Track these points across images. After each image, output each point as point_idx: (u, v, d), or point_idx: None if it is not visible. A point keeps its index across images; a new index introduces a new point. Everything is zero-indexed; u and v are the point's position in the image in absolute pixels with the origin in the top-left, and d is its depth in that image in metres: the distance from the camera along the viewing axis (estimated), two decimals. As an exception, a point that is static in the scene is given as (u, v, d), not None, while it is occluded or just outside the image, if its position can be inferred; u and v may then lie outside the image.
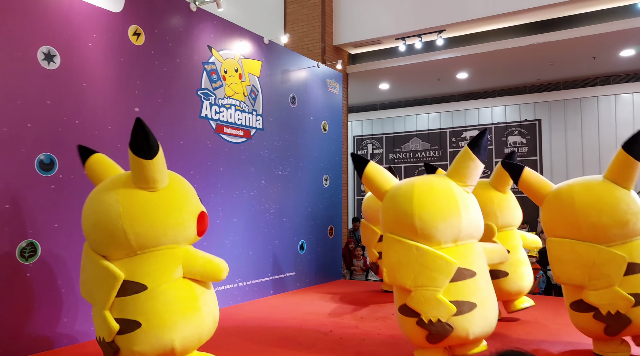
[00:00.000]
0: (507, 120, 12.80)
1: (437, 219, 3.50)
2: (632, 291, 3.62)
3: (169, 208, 3.30)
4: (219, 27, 6.24)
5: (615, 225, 3.67)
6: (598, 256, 3.70)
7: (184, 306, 3.25)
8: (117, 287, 3.18)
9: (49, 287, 4.34)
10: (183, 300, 3.26)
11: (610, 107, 11.67)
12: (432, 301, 3.46)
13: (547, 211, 4.04)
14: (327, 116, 8.27)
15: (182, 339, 3.22)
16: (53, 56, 4.42)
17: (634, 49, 9.58)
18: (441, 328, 3.45)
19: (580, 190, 3.82)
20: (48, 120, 4.37)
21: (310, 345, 4.47)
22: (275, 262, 7.00)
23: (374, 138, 14.42)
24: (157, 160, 3.23)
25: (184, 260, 3.34)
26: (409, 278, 3.53)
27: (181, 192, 3.44)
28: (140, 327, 3.15)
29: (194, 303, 3.30)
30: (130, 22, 5.10)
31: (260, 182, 6.79)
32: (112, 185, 3.35)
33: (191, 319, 3.26)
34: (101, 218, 3.23)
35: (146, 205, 3.25)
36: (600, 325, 3.76)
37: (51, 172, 4.39)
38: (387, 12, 9.58)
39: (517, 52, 9.50)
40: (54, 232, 4.39)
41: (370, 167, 3.88)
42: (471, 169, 3.65)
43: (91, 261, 3.33)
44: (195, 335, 3.30)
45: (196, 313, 3.29)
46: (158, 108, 5.37)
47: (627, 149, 3.64)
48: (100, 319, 3.23)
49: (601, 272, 3.68)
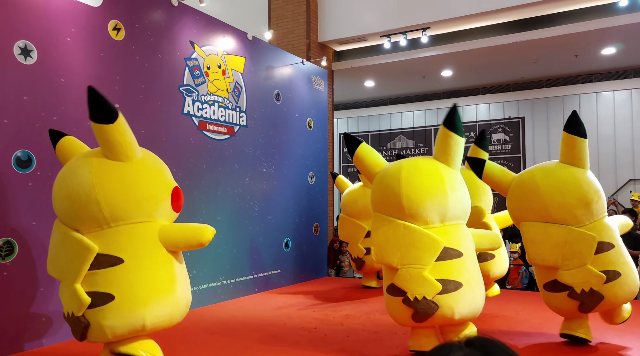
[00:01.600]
0: (491, 118, 12.88)
1: (424, 198, 3.56)
2: (603, 269, 3.82)
3: (142, 180, 3.28)
4: (201, 23, 6.17)
5: (580, 204, 3.86)
6: (569, 236, 3.87)
7: (161, 286, 3.21)
8: (91, 260, 3.13)
9: (27, 286, 4.25)
10: (160, 279, 3.22)
11: (592, 104, 11.81)
12: (417, 278, 3.52)
13: (514, 199, 4.19)
14: (312, 113, 8.23)
15: (154, 318, 3.17)
16: (30, 51, 4.32)
17: (615, 47, 9.70)
18: (426, 306, 3.50)
19: (542, 174, 4.02)
20: (25, 116, 4.28)
21: (294, 342, 4.44)
22: (260, 260, 6.96)
23: (360, 135, 14.42)
24: (118, 123, 3.20)
25: (161, 232, 3.28)
26: (396, 256, 3.61)
27: (155, 165, 3.42)
28: (113, 300, 3.10)
29: (171, 284, 3.26)
30: (110, 17, 5.01)
31: (245, 180, 6.74)
32: (84, 157, 3.32)
33: (166, 299, 3.22)
34: (74, 190, 3.18)
35: (119, 175, 3.22)
36: (574, 303, 3.93)
37: (28, 169, 4.30)
38: (371, 9, 9.57)
39: (501, 50, 9.56)
40: (32, 230, 4.30)
41: (362, 148, 3.96)
42: (452, 146, 3.69)
43: (62, 235, 3.28)
44: (168, 315, 3.25)
45: (171, 294, 3.25)
46: (139, 105, 5.29)
47: (569, 129, 3.92)
48: (69, 293, 3.18)
49: (573, 252, 3.85)
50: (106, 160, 3.24)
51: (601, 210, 3.95)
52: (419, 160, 3.82)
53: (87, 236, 3.20)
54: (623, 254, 3.92)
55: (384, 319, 5.27)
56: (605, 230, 3.90)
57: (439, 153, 3.76)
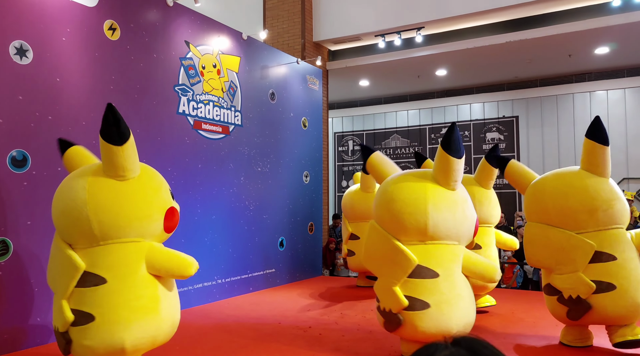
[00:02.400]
0: (486, 117, 12.93)
1: (403, 214, 3.58)
2: (596, 279, 3.74)
3: (136, 199, 3.23)
4: (196, 22, 6.17)
5: (583, 210, 3.79)
6: (567, 242, 3.84)
7: (143, 306, 3.13)
8: (77, 277, 3.11)
9: (22, 286, 4.26)
10: (143, 299, 3.14)
11: (585, 103, 11.88)
12: (388, 291, 3.62)
13: (525, 199, 4.26)
14: (307, 112, 8.25)
15: (135, 340, 3.10)
16: (25, 51, 4.32)
17: (608, 46, 9.76)
18: (393, 318, 3.61)
19: (553, 177, 4.04)
20: (20, 116, 4.28)
21: (289, 341, 4.46)
22: (255, 259, 6.98)
23: (355, 134, 14.44)
24: (127, 147, 3.17)
25: (148, 254, 3.23)
26: (376, 265, 3.81)
27: (151, 184, 3.36)
28: (94, 321, 3.06)
29: (154, 304, 3.18)
30: (106, 17, 5.01)
31: (240, 179, 6.75)
32: (82, 172, 3.30)
33: (148, 320, 3.14)
34: (67, 205, 3.18)
35: (113, 194, 3.19)
36: (563, 308, 3.92)
37: (24, 169, 4.30)
38: (366, 9, 9.59)
39: (495, 49, 9.60)
40: (27, 229, 4.30)
41: (374, 157, 4.06)
42: (446, 167, 3.61)
43: (57, 248, 3.28)
44: (150, 337, 3.17)
45: (154, 315, 3.17)
46: (134, 104, 5.29)
47: (590, 135, 3.82)
48: (57, 308, 3.16)
49: (568, 257, 3.82)
50: (101, 178, 3.22)
51: (612, 220, 3.79)
52: (413, 176, 3.76)
53: (79, 252, 3.18)
54: (627, 269, 3.72)
55: (379, 318, 5.30)
56: (611, 241, 3.76)
57: (435, 172, 3.69)
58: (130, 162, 3.22)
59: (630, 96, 11.43)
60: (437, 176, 3.67)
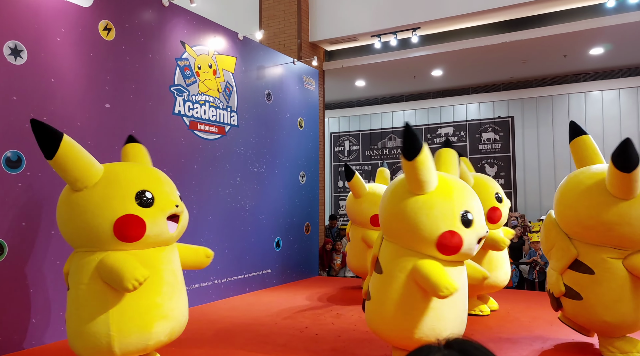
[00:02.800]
0: (481, 117, 12.96)
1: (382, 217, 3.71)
2: (568, 284, 3.89)
3: (84, 209, 3.23)
4: (192, 23, 6.16)
5: (576, 223, 3.79)
6: (560, 243, 3.96)
7: (88, 319, 3.19)
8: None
9: (17, 288, 4.23)
10: (89, 312, 3.20)
11: (580, 104, 11.93)
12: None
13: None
14: (304, 113, 8.25)
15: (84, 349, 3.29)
16: (20, 51, 4.30)
17: (603, 47, 9.80)
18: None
19: (573, 179, 3.88)
20: (15, 116, 4.26)
21: (285, 341, 4.46)
22: (251, 260, 6.97)
23: (351, 135, 14.45)
24: (57, 157, 3.16)
25: (98, 264, 3.21)
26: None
27: (104, 193, 3.24)
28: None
29: (101, 317, 3.18)
30: (101, 17, 4.99)
31: (236, 179, 6.74)
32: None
33: (94, 332, 3.19)
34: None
35: (67, 205, 3.33)
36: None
37: (18, 170, 4.28)
38: (362, 9, 9.60)
39: (491, 50, 9.62)
40: (22, 231, 4.28)
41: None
42: (411, 174, 3.37)
43: None
44: (104, 345, 3.21)
45: (99, 327, 3.19)
46: (130, 105, 5.28)
47: (614, 160, 3.40)
48: None
49: (556, 255, 4.01)
50: (67, 190, 3.37)
51: (610, 240, 3.63)
52: (396, 181, 3.66)
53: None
54: (601, 287, 3.67)
55: (375, 318, 5.30)
56: (594, 256, 3.70)
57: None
58: (69, 171, 3.21)
59: (625, 96, 11.48)
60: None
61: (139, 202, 3.26)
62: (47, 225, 4.45)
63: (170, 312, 3.39)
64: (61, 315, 4.52)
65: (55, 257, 4.50)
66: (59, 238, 4.53)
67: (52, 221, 4.49)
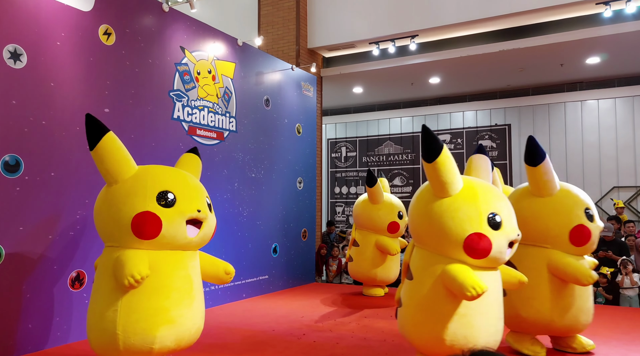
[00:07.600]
0: (478, 125, 13.01)
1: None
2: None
3: (110, 204, 3.38)
4: (192, 28, 6.17)
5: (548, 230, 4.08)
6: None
7: (99, 315, 3.30)
8: None
9: (13, 292, 4.20)
10: (100, 308, 3.30)
11: (577, 112, 11.98)
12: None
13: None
14: (302, 119, 8.26)
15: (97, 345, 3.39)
16: (19, 55, 4.29)
17: (600, 56, 9.86)
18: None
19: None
20: (13, 120, 4.24)
21: (283, 349, 4.44)
22: (248, 266, 6.95)
23: (348, 141, 14.48)
24: (97, 149, 3.35)
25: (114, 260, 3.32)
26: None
27: (129, 189, 3.36)
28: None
29: (111, 315, 3.25)
30: (101, 22, 4.99)
31: (234, 185, 6.74)
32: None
33: (103, 328, 3.28)
34: None
35: (100, 200, 3.48)
36: None
37: (16, 174, 4.26)
38: (361, 17, 9.64)
39: (488, 58, 9.67)
40: (19, 235, 4.25)
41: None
42: (433, 176, 3.37)
43: None
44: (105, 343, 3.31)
45: (108, 324, 3.26)
46: (129, 110, 5.27)
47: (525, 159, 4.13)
48: None
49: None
50: (106, 185, 3.52)
51: (534, 240, 4.10)
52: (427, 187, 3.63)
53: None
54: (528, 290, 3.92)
55: (373, 325, 5.29)
56: (517, 253, 3.65)
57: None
58: (106, 163, 3.40)
59: (621, 105, 11.55)
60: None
61: (161, 201, 3.32)
62: (45, 230, 4.43)
63: (178, 318, 3.36)
64: (58, 320, 4.49)
65: (52, 262, 4.47)
66: (57, 243, 4.51)
67: (50, 226, 4.47)
